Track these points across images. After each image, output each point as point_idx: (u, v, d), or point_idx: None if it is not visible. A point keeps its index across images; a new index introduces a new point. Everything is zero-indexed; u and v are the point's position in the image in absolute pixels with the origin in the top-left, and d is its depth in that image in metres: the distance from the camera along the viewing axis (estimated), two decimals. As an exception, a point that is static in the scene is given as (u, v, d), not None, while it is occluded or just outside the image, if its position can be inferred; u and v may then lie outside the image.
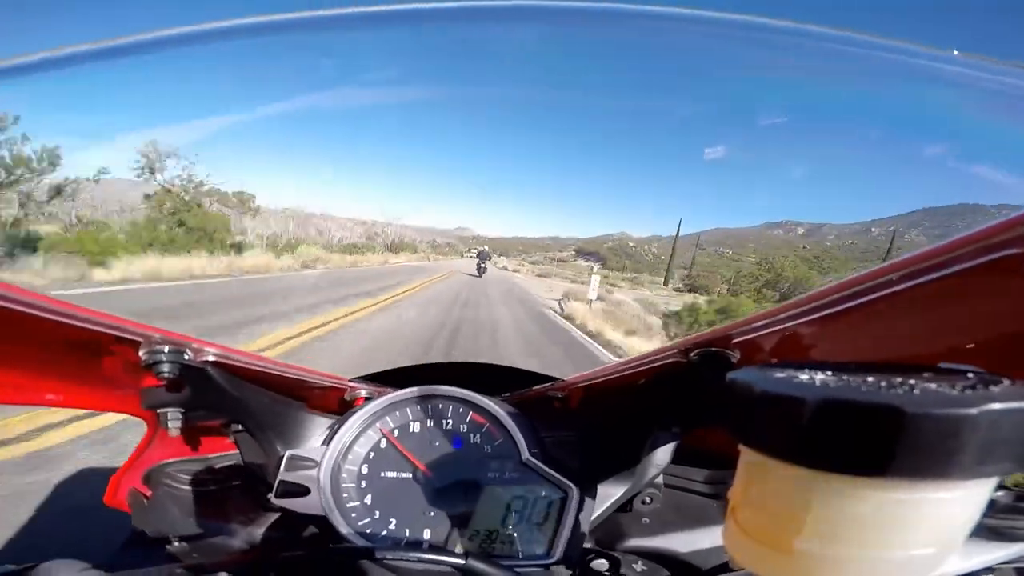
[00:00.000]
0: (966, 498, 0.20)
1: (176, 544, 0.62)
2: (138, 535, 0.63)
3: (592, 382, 0.63)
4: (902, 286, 0.30)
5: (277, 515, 0.66)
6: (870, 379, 0.21)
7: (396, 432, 0.66)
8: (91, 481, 2.39)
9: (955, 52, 0.35)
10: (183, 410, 0.54)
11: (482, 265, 25.10)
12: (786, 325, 0.40)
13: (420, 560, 0.51)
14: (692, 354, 0.48)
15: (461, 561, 0.50)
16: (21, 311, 0.38)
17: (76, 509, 2.13)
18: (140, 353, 0.47)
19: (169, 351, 0.48)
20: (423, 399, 0.67)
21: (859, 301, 0.33)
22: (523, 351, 6.63)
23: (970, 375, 0.21)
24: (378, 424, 0.66)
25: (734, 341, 0.46)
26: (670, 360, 0.51)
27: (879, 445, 0.18)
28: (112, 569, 0.44)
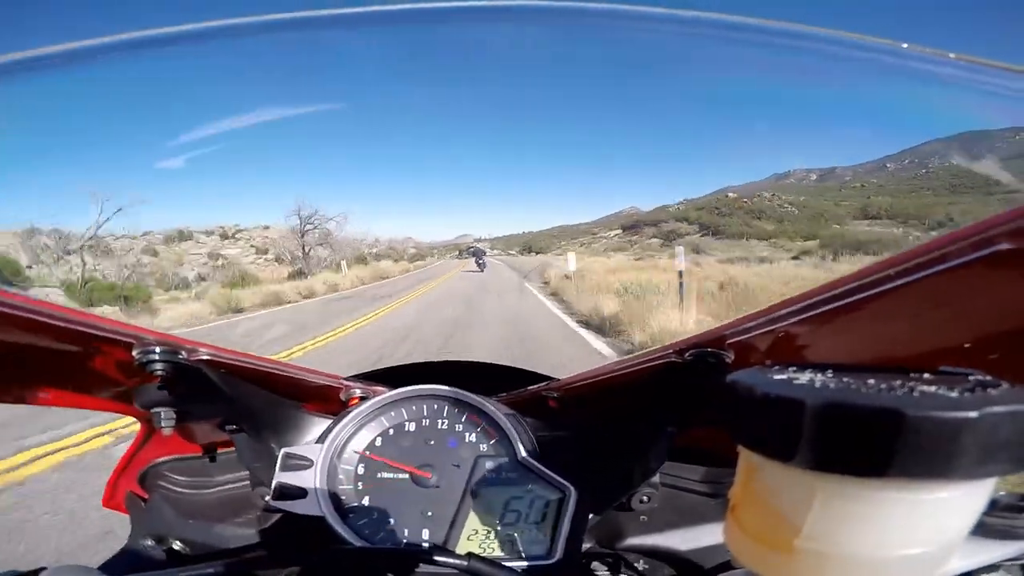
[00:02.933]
0: (966, 498, 0.20)
1: (175, 546, 0.62)
2: (139, 537, 0.63)
3: (587, 382, 0.63)
4: (894, 284, 0.30)
5: (275, 515, 0.66)
6: (870, 381, 0.21)
7: (392, 431, 0.66)
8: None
9: (951, 54, 0.35)
10: (177, 409, 0.54)
11: (480, 261, 27.46)
12: (779, 325, 0.40)
13: (422, 562, 0.51)
14: (687, 354, 0.49)
15: (464, 563, 0.50)
16: (15, 314, 0.38)
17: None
18: (133, 353, 0.47)
19: (162, 351, 0.48)
20: (418, 398, 0.67)
21: (851, 300, 0.34)
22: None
23: (970, 378, 0.22)
24: (375, 423, 0.66)
25: (728, 342, 0.46)
26: (665, 360, 0.51)
27: (879, 447, 0.18)
28: (112, 573, 0.44)
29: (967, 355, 0.34)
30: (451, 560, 0.50)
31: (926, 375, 0.22)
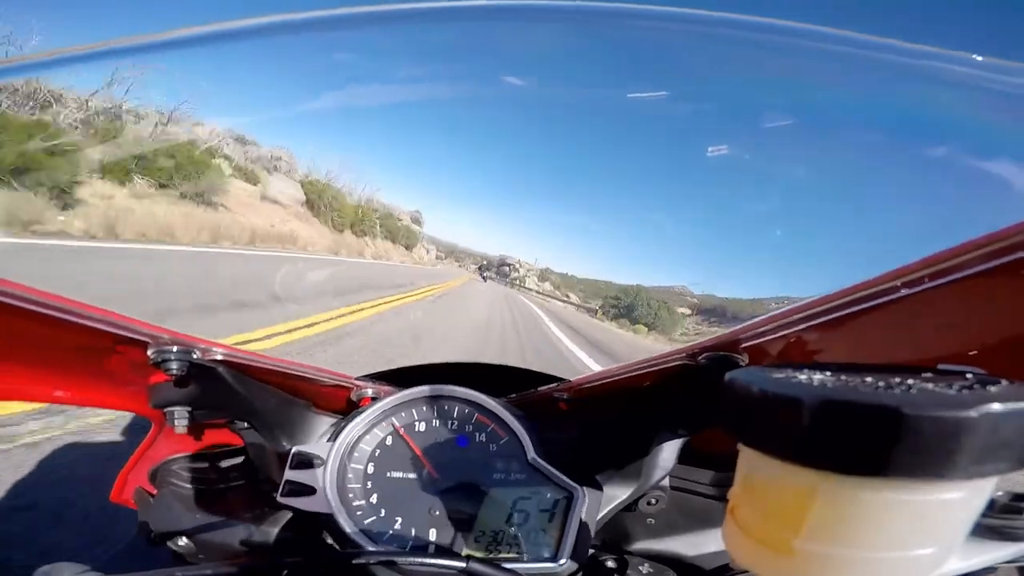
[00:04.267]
0: (965, 498, 0.20)
1: (182, 542, 0.63)
2: (144, 532, 0.64)
3: (598, 383, 0.63)
4: (910, 291, 0.30)
5: (283, 513, 0.66)
6: (868, 380, 0.21)
7: (402, 430, 0.66)
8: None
9: (971, 55, 0.35)
10: (190, 408, 0.55)
11: (485, 274, 24.80)
12: (794, 328, 0.40)
13: (422, 563, 0.51)
14: (700, 357, 0.48)
15: (462, 564, 0.50)
16: (31, 310, 0.39)
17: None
18: (148, 352, 0.48)
19: (177, 350, 0.49)
20: (428, 399, 0.67)
21: (868, 305, 0.33)
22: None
23: (968, 376, 0.22)
24: (385, 423, 0.66)
25: (742, 345, 0.46)
26: (678, 363, 0.51)
27: (877, 445, 0.18)
28: (116, 570, 0.45)
29: (976, 356, 0.33)
30: (449, 562, 0.51)
31: (925, 373, 0.22)
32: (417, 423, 0.67)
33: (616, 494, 0.61)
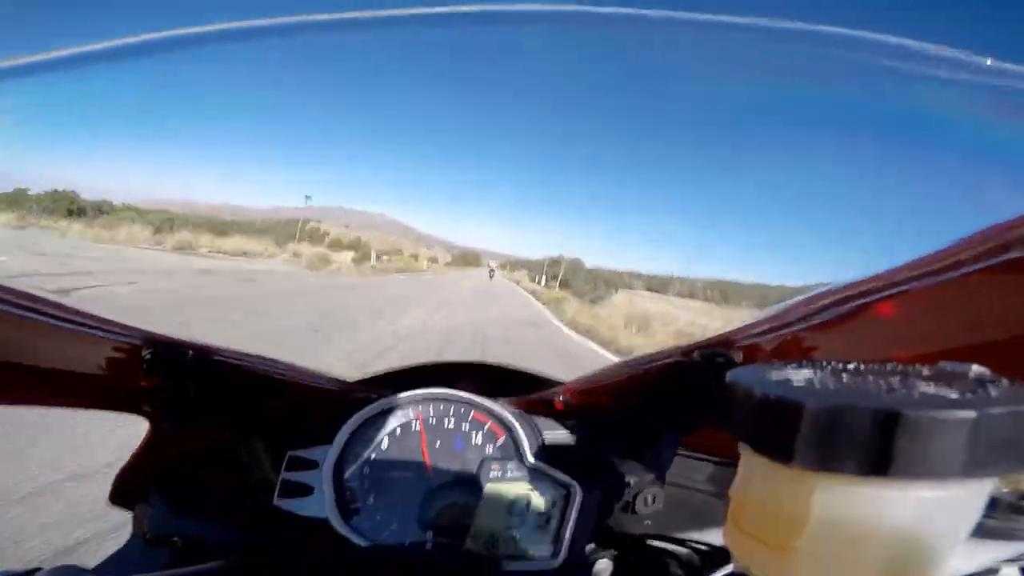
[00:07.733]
0: (966, 498, 0.20)
1: (178, 545, 0.62)
2: (141, 534, 0.64)
3: (595, 384, 0.64)
4: (908, 287, 0.30)
5: (279, 516, 0.66)
6: (869, 379, 0.21)
7: (399, 432, 0.66)
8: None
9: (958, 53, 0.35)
10: (185, 410, 0.55)
11: (491, 273, 27.38)
12: (789, 329, 0.40)
13: (422, 562, 0.51)
14: (694, 355, 0.49)
15: (462, 563, 0.50)
16: (22, 315, 0.39)
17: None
18: (143, 354, 0.48)
19: (171, 352, 0.49)
20: (425, 400, 0.67)
21: (863, 301, 0.33)
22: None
23: (970, 376, 0.22)
24: (381, 424, 0.66)
25: (737, 344, 0.46)
26: (673, 362, 0.51)
27: (877, 447, 0.18)
28: (113, 572, 0.45)
29: (977, 354, 0.33)
30: (450, 560, 0.51)
31: (925, 372, 0.22)
32: (413, 424, 0.67)
33: (614, 493, 0.61)
